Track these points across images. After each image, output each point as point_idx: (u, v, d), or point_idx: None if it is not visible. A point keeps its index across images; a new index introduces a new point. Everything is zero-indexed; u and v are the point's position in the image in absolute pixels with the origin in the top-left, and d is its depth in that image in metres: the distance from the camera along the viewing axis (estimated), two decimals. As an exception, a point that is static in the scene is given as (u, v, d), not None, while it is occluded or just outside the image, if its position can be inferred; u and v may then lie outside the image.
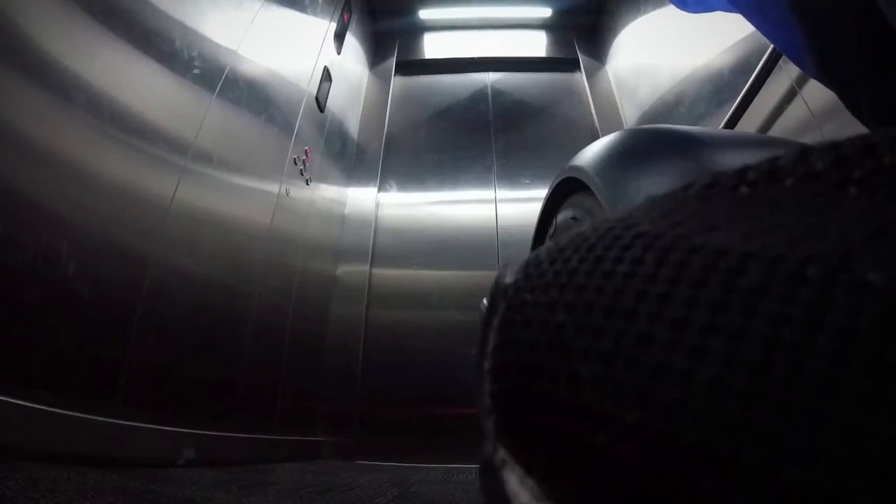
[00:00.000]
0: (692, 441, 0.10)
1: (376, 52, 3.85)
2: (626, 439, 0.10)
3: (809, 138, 1.42)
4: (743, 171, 0.14)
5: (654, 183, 0.60)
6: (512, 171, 3.18)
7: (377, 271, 2.77)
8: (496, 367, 0.14)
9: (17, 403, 0.85)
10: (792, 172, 0.13)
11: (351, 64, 3.33)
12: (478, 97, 3.62)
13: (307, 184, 2.38)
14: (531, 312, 0.14)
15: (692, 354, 0.10)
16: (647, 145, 0.67)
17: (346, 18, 3.12)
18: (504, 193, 3.09)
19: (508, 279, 0.16)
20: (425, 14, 3.92)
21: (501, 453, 0.14)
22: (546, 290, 0.14)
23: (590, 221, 0.16)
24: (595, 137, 2.38)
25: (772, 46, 1.60)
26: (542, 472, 0.12)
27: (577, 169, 0.80)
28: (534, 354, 0.13)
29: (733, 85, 1.89)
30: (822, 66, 0.60)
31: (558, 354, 0.12)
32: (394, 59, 3.78)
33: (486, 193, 3.10)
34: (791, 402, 0.09)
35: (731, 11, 0.85)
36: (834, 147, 0.13)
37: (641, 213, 0.15)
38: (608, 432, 0.11)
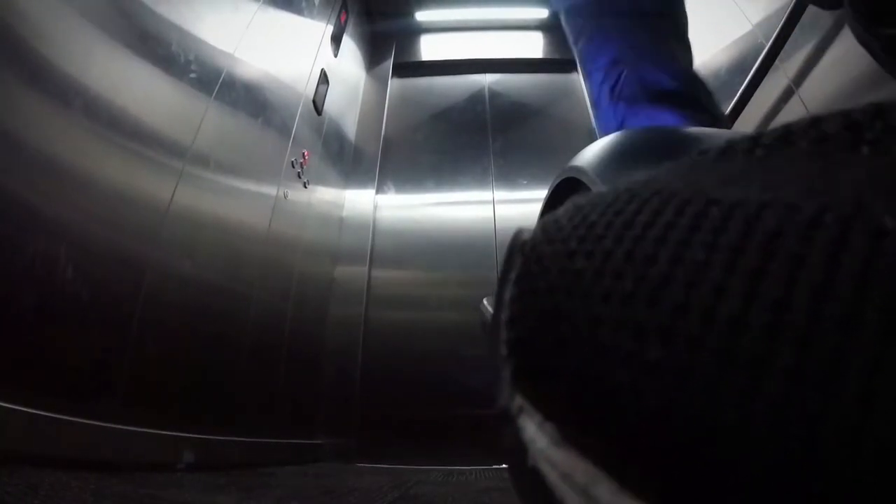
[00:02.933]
0: (712, 376, 0.10)
1: (373, 54, 3.85)
2: (647, 376, 0.11)
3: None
4: (757, 136, 0.14)
5: (654, 183, 0.60)
6: (510, 173, 3.18)
7: (376, 273, 2.77)
8: (514, 316, 0.14)
9: (16, 408, 0.85)
10: (805, 136, 0.14)
11: (348, 66, 3.33)
12: (475, 98, 3.62)
13: (305, 186, 2.38)
14: (550, 262, 0.14)
15: (712, 292, 0.10)
16: (647, 145, 0.67)
17: (342, 21, 3.12)
18: (502, 194, 3.09)
19: (525, 236, 0.16)
20: (422, 16, 3.92)
21: (518, 401, 0.14)
22: (564, 241, 0.14)
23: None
24: (592, 138, 2.38)
25: (769, 46, 1.60)
26: (562, 415, 0.13)
27: (577, 169, 0.80)
28: (552, 301, 0.13)
29: (730, 84, 1.89)
30: None
31: (577, 298, 0.13)
32: (391, 61, 3.78)
33: (485, 195, 3.10)
34: (811, 337, 0.09)
35: None
36: (845, 113, 0.13)
37: (658, 176, 0.15)
38: (628, 370, 0.11)
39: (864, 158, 0.12)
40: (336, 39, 2.99)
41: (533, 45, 3.91)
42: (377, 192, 3.09)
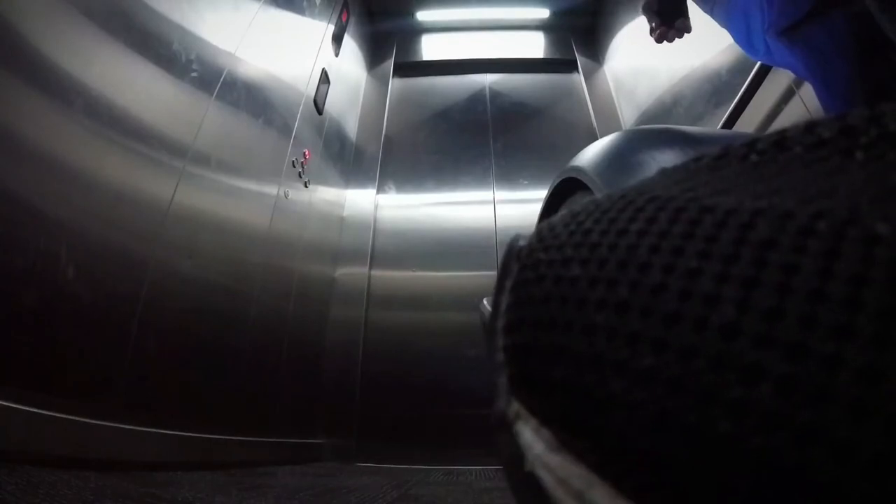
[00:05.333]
0: (707, 384, 0.10)
1: (374, 53, 3.86)
2: (641, 385, 0.11)
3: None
4: (752, 142, 0.14)
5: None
6: (510, 173, 3.18)
7: (376, 273, 2.77)
8: (510, 324, 0.15)
9: (17, 407, 0.85)
10: (800, 141, 0.14)
11: (349, 66, 3.33)
12: (476, 98, 3.62)
13: (306, 186, 2.38)
14: (545, 269, 0.14)
15: (706, 301, 0.10)
16: (647, 145, 0.67)
17: (343, 20, 3.12)
18: (503, 195, 3.09)
19: (522, 242, 0.16)
20: (423, 16, 3.92)
21: (515, 406, 0.14)
22: (560, 248, 0.14)
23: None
24: (593, 138, 2.39)
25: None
26: (558, 421, 0.13)
27: (578, 169, 0.80)
28: (548, 308, 0.13)
29: (731, 85, 1.89)
30: None
31: (573, 306, 0.13)
32: (392, 61, 3.78)
33: (485, 195, 3.10)
34: (804, 346, 0.09)
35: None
36: (840, 118, 0.13)
37: (653, 182, 0.15)
38: (623, 379, 0.11)
39: (858, 164, 0.12)
40: (337, 39, 2.99)
41: (534, 45, 3.91)
42: (378, 192, 3.09)
